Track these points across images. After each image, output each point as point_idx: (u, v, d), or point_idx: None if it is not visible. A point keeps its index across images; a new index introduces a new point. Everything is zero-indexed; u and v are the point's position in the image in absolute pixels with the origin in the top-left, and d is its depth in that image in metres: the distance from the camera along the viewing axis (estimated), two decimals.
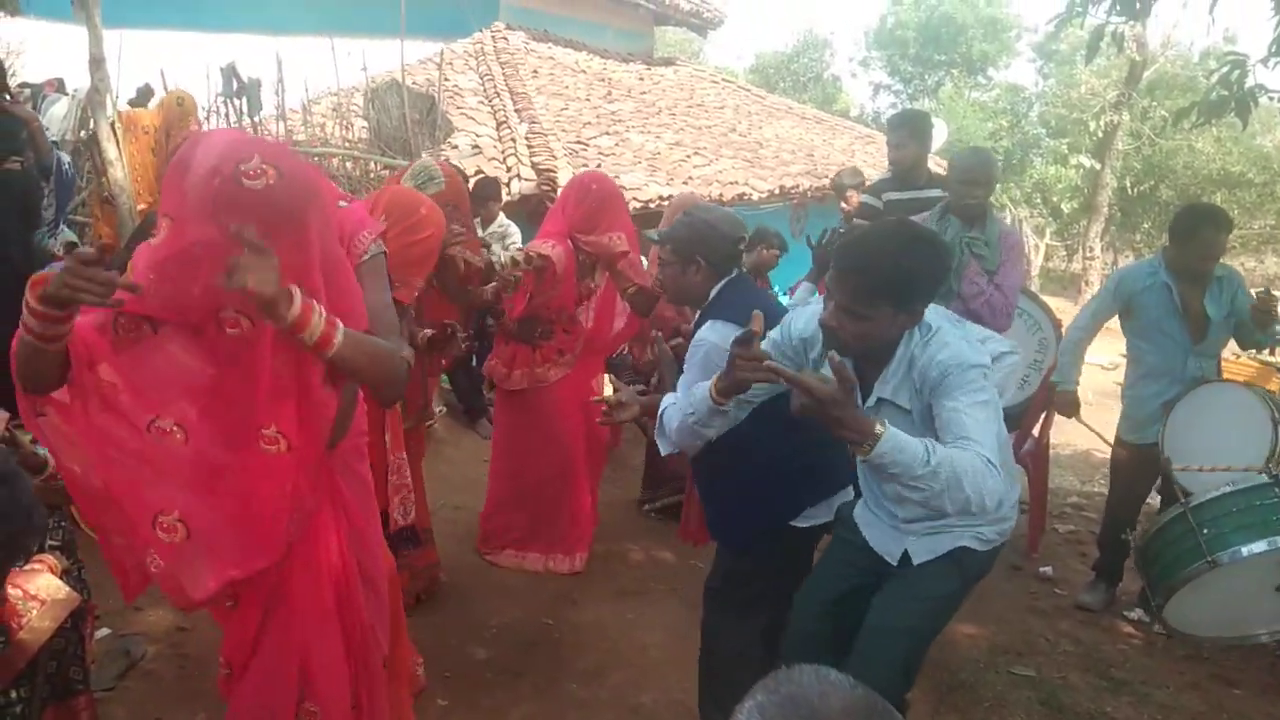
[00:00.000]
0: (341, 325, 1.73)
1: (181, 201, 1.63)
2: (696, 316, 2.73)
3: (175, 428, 1.75)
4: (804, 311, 2.36)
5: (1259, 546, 3.13)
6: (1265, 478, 3.25)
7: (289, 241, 1.65)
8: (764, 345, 2.27)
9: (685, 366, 2.60)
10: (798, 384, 1.86)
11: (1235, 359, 8.66)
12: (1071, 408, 4.15)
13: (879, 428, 1.84)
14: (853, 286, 2.07)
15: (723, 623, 2.80)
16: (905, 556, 2.36)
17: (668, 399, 2.54)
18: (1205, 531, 3.25)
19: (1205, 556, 3.21)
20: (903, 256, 2.05)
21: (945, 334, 2.15)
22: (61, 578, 2.29)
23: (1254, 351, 9.81)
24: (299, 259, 1.68)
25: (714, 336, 2.50)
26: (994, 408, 2.03)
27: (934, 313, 2.22)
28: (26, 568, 2.26)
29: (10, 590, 2.15)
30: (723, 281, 2.71)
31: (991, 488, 1.89)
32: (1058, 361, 4.25)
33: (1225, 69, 4.82)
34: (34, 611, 2.15)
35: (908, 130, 4.45)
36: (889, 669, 2.27)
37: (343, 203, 2.02)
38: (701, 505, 2.88)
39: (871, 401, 2.20)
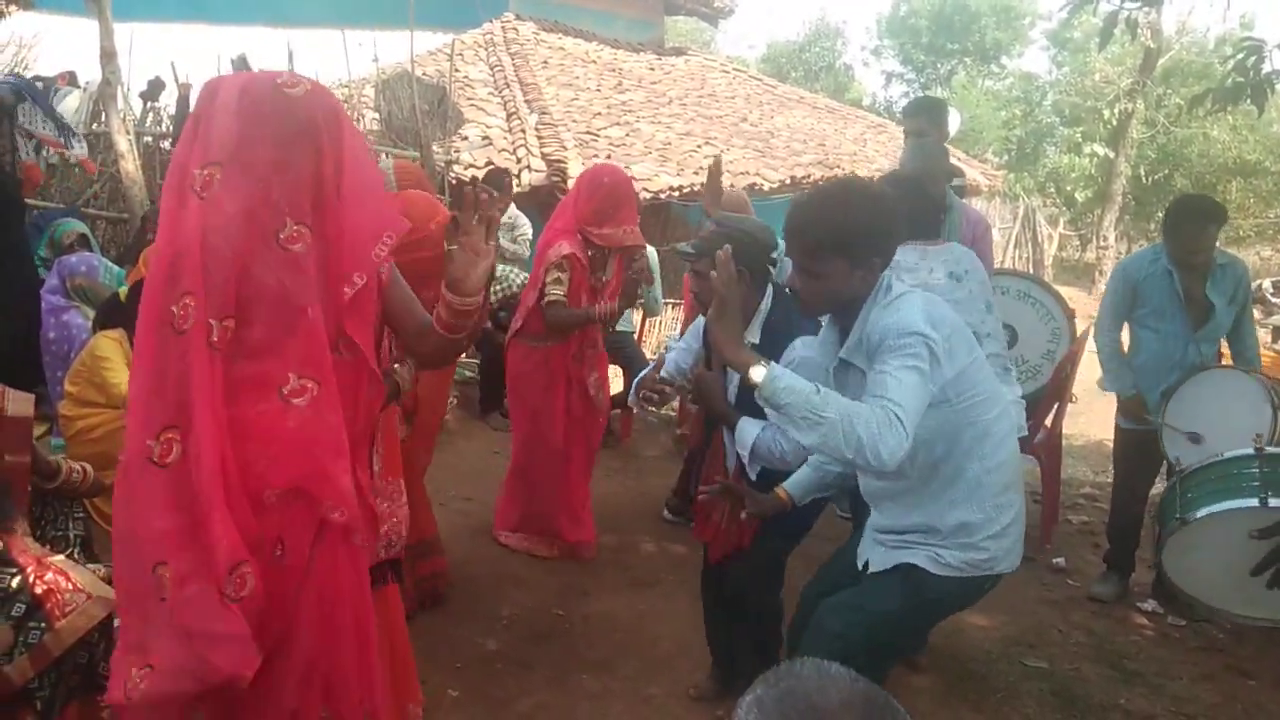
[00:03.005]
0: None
1: (228, 138, 1.66)
2: (755, 333, 2.67)
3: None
4: None
5: (1218, 507, 3.17)
6: (1251, 450, 3.26)
7: (329, 147, 1.71)
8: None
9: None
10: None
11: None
12: (1138, 411, 4.02)
13: (761, 363, 1.91)
14: (799, 245, 2.10)
15: (776, 598, 2.89)
16: (868, 562, 2.36)
17: (745, 424, 2.61)
18: (1188, 495, 3.32)
19: (1177, 515, 3.30)
20: (842, 211, 2.07)
21: (905, 300, 2.10)
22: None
23: (1268, 341, 9.78)
24: (352, 159, 1.74)
25: (808, 351, 2.48)
26: (927, 377, 1.97)
27: (906, 284, 2.20)
28: (73, 563, 2.30)
29: (59, 580, 2.18)
30: (770, 294, 2.70)
31: (891, 442, 1.84)
32: (1103, 370, 4.13)
33: (1241, 55, 4.77)
34: (79, 603, 2.18)
35: (926, 117, 4.33)
36: None
37: None
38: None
39: (835, 363, 2.21)
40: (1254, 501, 3.08)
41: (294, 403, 1.69)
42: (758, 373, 1.90)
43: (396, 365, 2.63)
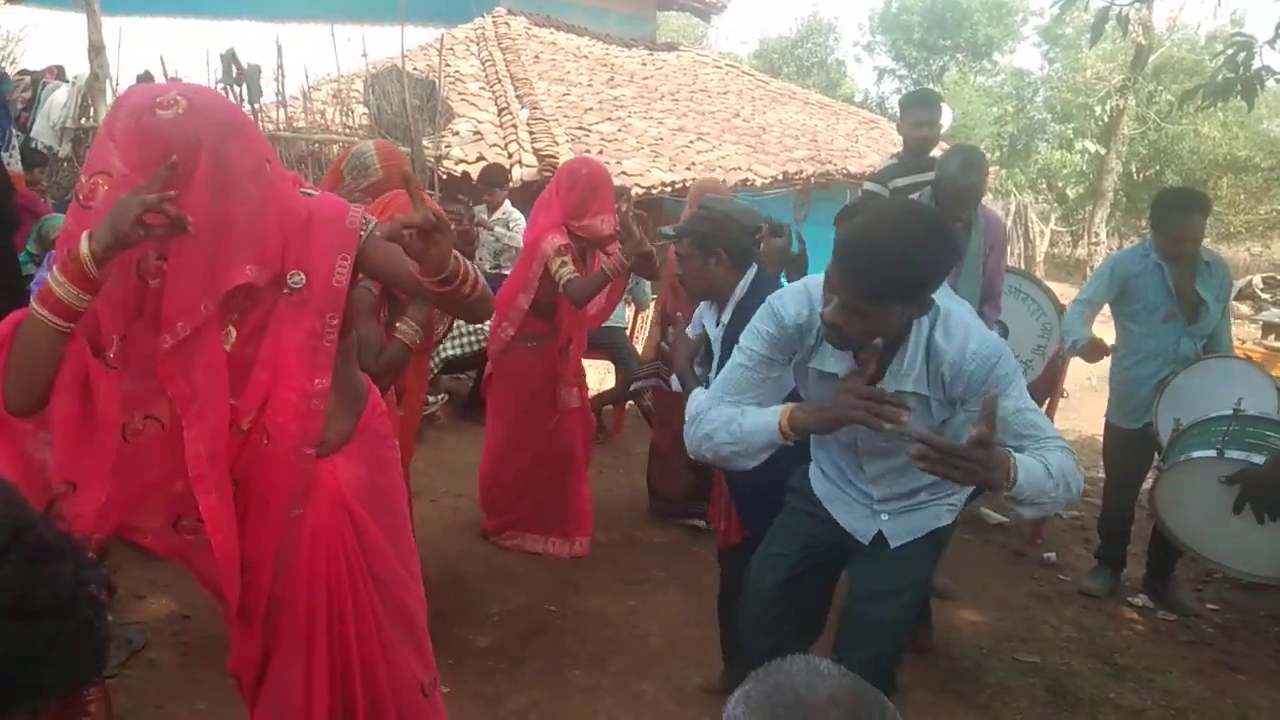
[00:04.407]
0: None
1: (112, 153, 1.59)
2: (727, 313, 2.68)
3: (151, 420, 1.70)
4: (788, 296, 2.19)
5: (1182, 457, 3.43)
6: (1229, 411, 3.43)
7: (191, 172, 1.58)
8: (762, 341, 2.16)
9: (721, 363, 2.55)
10: (953, 454, 1.77)
11: (1240, 344, 8.66)
12: (1099, 350, 4.09)
13: (1011, 462, 1.83)
14: (861, 286, 1.89)
15: None
16: (879, 537, 2.26)
17: (701, 396, 2.51)
18: (1174, 450, 3.56)
19: (1158, 466, 3.60)
20: (917, 253, 1.88)
21: (958, 315, 2.04)
22: None
23: (1258, 336, 9.80)
24: (204, 195, 1.59)
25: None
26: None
27: (952, 303, 2.12)
28: None
29: None
30: (749, 276, 2.68)
31: (1082, 482, 1.95)
32: (1064, 330, 4.21)
33: (1231, 51, 4.79)
34: None
35: (935, 108, 4.24)
36: (884, 661, 2.24)
37: (309, 190, 1.86)
38: (736, 506, 2.82)
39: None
40: (1212, 453, 3.32)
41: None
42: (1009, 471, 1.82)
43: (399, 324, 2.61)
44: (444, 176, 7.29)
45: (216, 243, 1.62)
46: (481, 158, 7.62)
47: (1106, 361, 4.23)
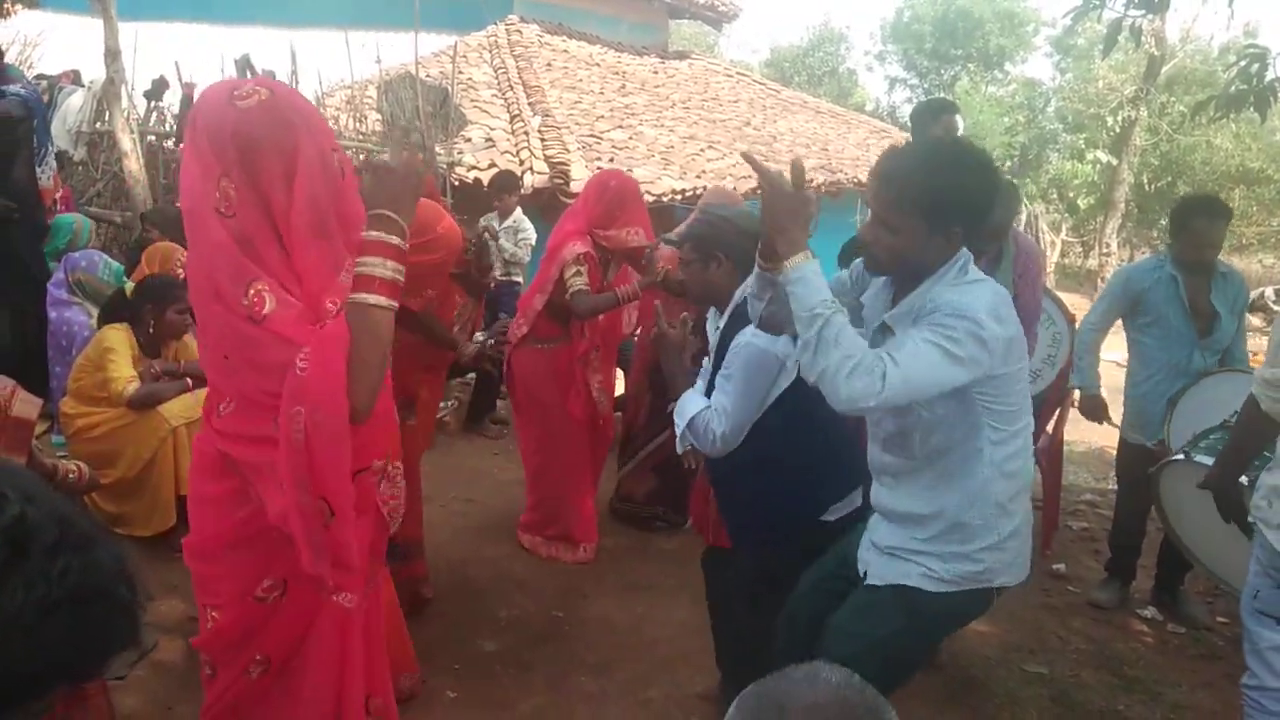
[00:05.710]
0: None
1: (214, 155, 1.62)
2: (724, 319, 2.67)
3: None
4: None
5: (1174, 459, 3.32)
6: (1218, 421, 3.38)
7: (277, 161, 1.61)
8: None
9: (720, 368, 2.54)
10: (763, 172, 1.98)
11: (1252, 356, 8.60)
12: (1098, 411, 4.09)
13: (810, 255, 1.92)
14: (885, 195, 1.96)
15: (758, 621, 2.66)
16: (867, 571, 2.23)
17: (690, 397, 2.53)
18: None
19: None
20: (942, 169, 1.92)
21: (977, 286, 1.99)
22: None
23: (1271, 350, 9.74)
24: (284, 187, 1.62)
25: (761, 340, 2.42)
26: (953, 361, 1.87)
27: (985, 279, 2.07)
28: None
29: None
30: (749, 281, 2.68)
31: (857, 387, 1.81)
32: (1075, 365, 4.19)
33: (1244, 63, 4.79)
34: None
35: (959, 116, 4.21)
36: None
37: None
38: (720, 512, 2.82)
39: (877, 323, 2.08)
40: (1180, 456, 3.26)
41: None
42: (802, 256, 1.91)
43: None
44: (456, 183, 7.32)
45: (317, 244, 1.67)
46: (493, 164, 7.64)
47: (1119, 374, 4.21)
